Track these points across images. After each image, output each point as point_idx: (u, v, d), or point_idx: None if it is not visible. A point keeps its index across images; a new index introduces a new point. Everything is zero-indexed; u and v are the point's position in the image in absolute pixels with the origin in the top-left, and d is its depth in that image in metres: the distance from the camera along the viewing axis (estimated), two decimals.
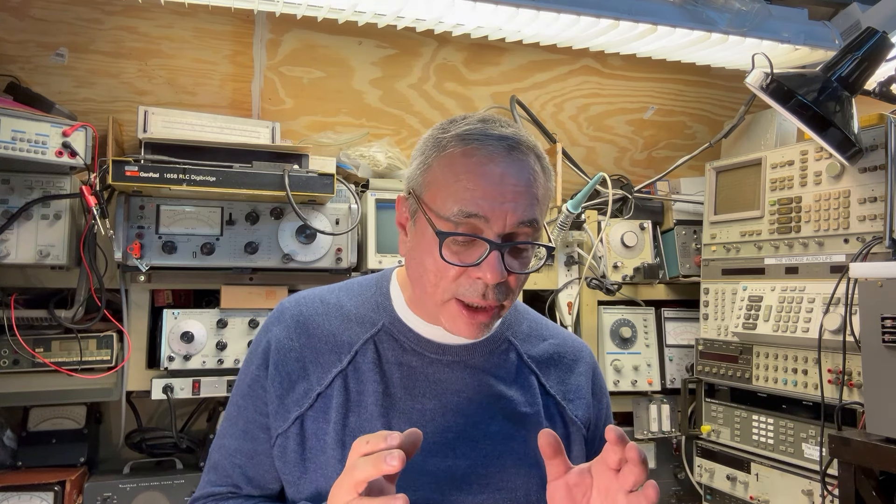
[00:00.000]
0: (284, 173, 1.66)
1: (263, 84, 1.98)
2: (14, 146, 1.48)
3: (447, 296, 0.88)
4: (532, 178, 0.89)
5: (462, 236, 0.86)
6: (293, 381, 0.95)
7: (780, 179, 1.83)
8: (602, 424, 1.05)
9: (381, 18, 1.73)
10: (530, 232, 0.89)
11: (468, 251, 0.87)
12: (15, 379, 1.65)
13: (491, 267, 0.84)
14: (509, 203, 0.86)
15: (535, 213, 0.88)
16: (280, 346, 0.97)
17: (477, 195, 0.85)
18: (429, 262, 0.89)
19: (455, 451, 0.93)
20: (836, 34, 1.91)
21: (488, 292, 0.86)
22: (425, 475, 0.91)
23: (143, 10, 1.76)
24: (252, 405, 0.98)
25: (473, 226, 0.86)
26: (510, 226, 0.86)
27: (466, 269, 0.86)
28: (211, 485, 0.99)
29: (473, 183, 0.86)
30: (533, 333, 1.06)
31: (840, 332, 1.56)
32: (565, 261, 2.11)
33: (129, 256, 1.65)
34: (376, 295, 1.02)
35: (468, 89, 2.17)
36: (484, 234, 0.86)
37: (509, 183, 0.87)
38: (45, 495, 1.61)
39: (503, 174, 0.87)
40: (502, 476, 0.93)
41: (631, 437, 2.10)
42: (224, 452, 0.99)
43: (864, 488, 1.37)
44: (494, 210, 0.85)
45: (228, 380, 1.74)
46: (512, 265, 0.87)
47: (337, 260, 1.82)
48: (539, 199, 0.90)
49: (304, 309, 1.00)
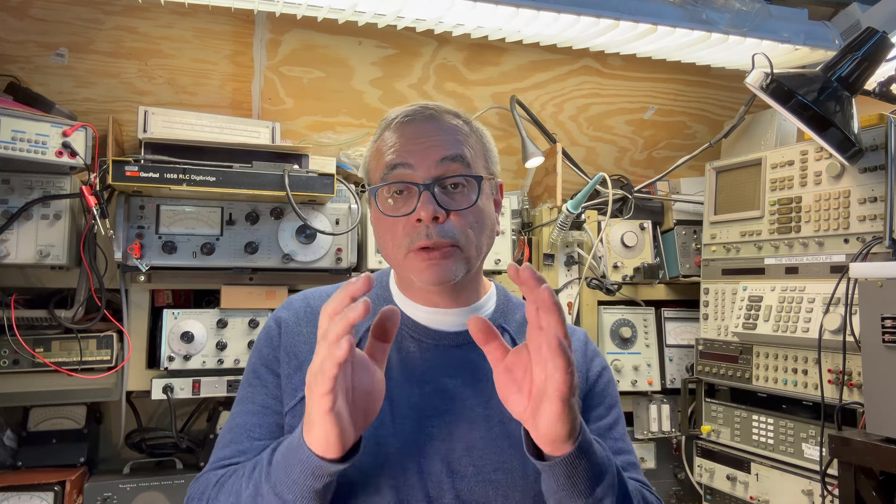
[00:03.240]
0: (284, 173, 1.66)
1: (263, 84, 1.98)
2: (14, 146, 1.48)
3: (403, 250, 0.93)
4: (454, 126, 0.97)
5: (392, 184, 0.93)
6: (301, 362, 0.98)
7: (780, 179, 1.83)
8: (596, 379, 1.06)
9: (381, 18, 1.73)
10: (460, 168, 0.94)
11: (406, 202, 0.93)
12: (15, 379, 1.65)
13: (422, 205, 0.90)
14: (428, 144, 0.93)
15: (461, 150, 0.95)
16: (288, 328, 1.01)
17: (397, 147, 0.94)
18: (381, 229, 0.97)
19: (453, 435, 0.94)
20: (836, 34, 1.91)
21: (431, 232, 0.91)
22: (424, 458, 0.92)
23: (143, 10, 1.76)
24: (269, 381, 0.99)
25: (401, 175, 0.93)
26: (434, 164, 0.92)
27: (409, 219, 0.92)
28: (223, 460, 0.97)
29: (394, 140, 0.95)
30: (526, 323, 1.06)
31: (840, 332, 1.56)
32: (565, 261, 2.11)
33: (129, 256, 1.65)
34: (377, 288, 1.06)
35: (468, 89, 2.17)
36: (412, 180, 0.93)
37: (427, 130, 0.95)
38: (45, 495, 1.61)
39: (421, 127, 0.96)
40: (500, 458, 0.93)
41: (631, 437, 2.10)
42: (239, 431, 0.98)
43: (864, 488, 1.37)
44: (415, 154, 0.93)
45: (228, 380, 1.74)
46: (448, 203, 0.93)
47: (337, 260, 1.82)
48: (463, 139, 0.97)
49: (311, 301, 1.06)
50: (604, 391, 1.07)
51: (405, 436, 0.93)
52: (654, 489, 1.03)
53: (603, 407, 1.05)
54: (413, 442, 0.92)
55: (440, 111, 0.98)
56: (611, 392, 1.08)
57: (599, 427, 1.03)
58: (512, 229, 2.05)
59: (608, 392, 1.07)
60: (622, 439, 1.05)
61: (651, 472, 2.14)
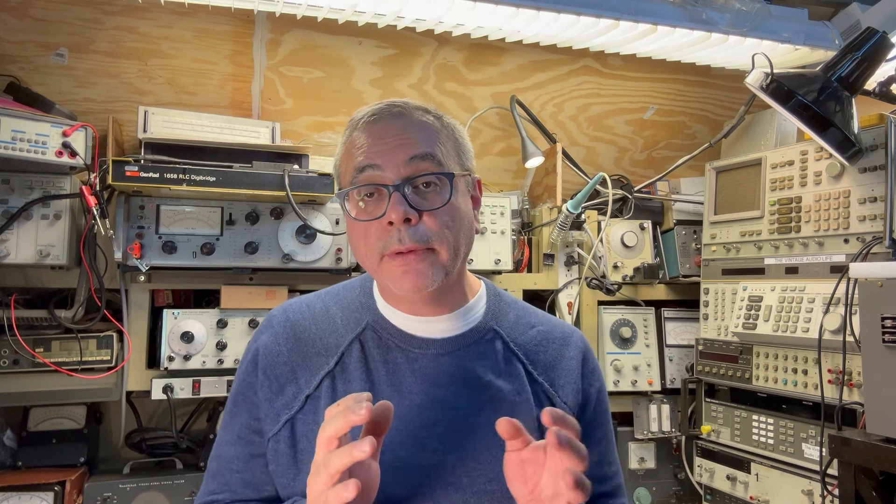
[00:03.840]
0: (284, 173, 1.66)
1: (263, 84, 1.98)
2: (14, 146, 1.48)
3: (377, 256, 0.90)
4: (423, 123, 0.93)
5: (362, 187, 0.89)
6: (282, 385, 0.96)
7: (780, 179, 1.83)
8: (592, 404, 1.04)
9: (381, 18, 1.73)
10: (430, 166, 0.90)
11: (377, 205, 0.90)
12: (15, 379, 1.65)
13: (392, 206, 0.87)
14: (396, 143, 0.90)
15: (431, 148, 0.91)
16: (268, 351, 0.99)
17: (364, 148, 0.90)
18: (354, 234, 0.93)
19: (444, 445, 0.92)
20: (836, 34, 1.91)
21: (403, 235, 0.87)
22: (415, 469, 0.91)
23: (143, 10, 1.76)
24: (245, 411, 0.99)
25: (370, 177, 0.89)
26: (403, 164, 0.89)
27: (381, 222, 0.88)
28: (210, 494, 1.00)
29: (362, 141, 0.91)
30: (520, 322, 1.05)
31: (840, 332, 1.56)
32: (565, 261, 2.11)
33: (129, 256, 1.65)
34: (360, 296, 1.03)
35: (468, 89, 2.17)
36: (381, 181, 0.89)
37: (394, 129, 0.91)
38: (45, 495, 1.61)
39: (388, 126, 0.91)
40: (492, 467, 0.92)
41: (631, 436, 2.10)
42: (221, 461, 1.00)
43: (864, 488, 1.37)
44: (382, 154, 0.89)
45: (228, 380, 1.74)
46: (420, 203, 0.89)
47: (337, 260, 1.82)
48: (434, 136, 0.93)
49: (290, 315, 1.02)
50: (603, 415, 1.07)
51: (396, 448, 0.91)
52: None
53: (600, 431, 1.05)
54: (405, 454, 0.91)
55: (408, 108, 0.94)
56: (604, 421, 1.07)
57: (595, 453, 1.01)
58: (512, 229, 2.05)
59: (604, 413, 1.07)
60: (614, 462, 1.06)
61: (651, 472, 2.14)
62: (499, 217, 2.01)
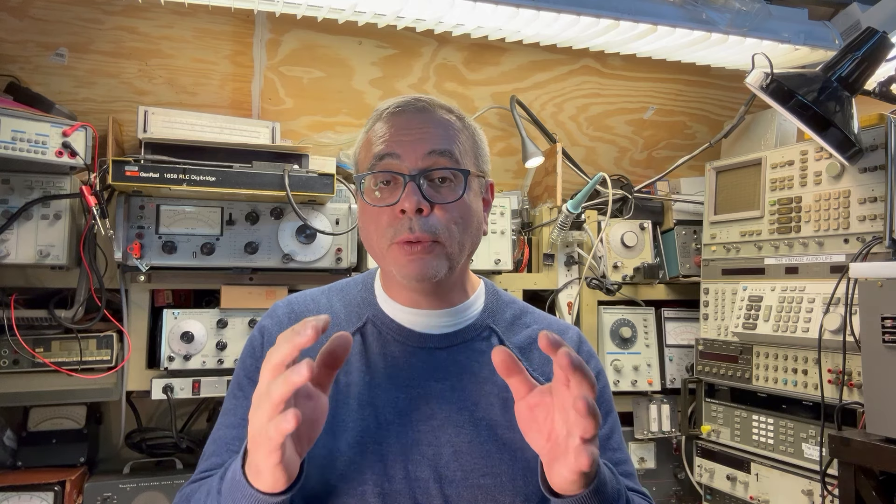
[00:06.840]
0: (284, 173, 1.66)
1: (263, 84, 1.98)
2: (14, 146, 1.48)
3: (386, 242, 0.92)
4: (445, 121, 0.96)
5: (379, 174, 0.93)
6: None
7: (780, 179, 1.83)
8: None
9: (381, 18, 1.73)
10: (447, 162, 0.93)
11: (392, 193, 0.93)
12: (15, 379, 1.65)
13: (407, 195, 0.90)
14: (417, 136, 0.93)
15: (449, 145, 0.94)
16: (271, 337, 1.00)
17: (386, 138, 0.93)
18: (366, 219, 0.96)
19: (440, 439, 0.93)
20: (836, 34, 1.91)
21: (414, 225, 0.90)
22: (411, 464, 0.91)
23: (143, 10, 1.76)
24: (245, 395, 0.98)
25: (388, 165, 0.93)
26: (421, 156, 0.92)
27: (394, 210, 0.91)
28: (201, 473, 0.97)
29: (384, 130, 0.95)
30: (516, 322, 1.06)
31: (840, 332, 1.56)
32: (565, 261, 2.11)
33: (129, 256, 1.65)
34: (362, 291, 1.05)
35: (468, 89, 2.17)
36: (399, 170, 0.92)
37: (416, 122, 0.94)
38: (45, 495, 1.61)
39: (411, 119, 0.95)
40: (488, 462, 0.92)
41: (631, 437, 2.10)
42: (220, 444, 0.98)
43: (864, 488, 1.37)
44: (403, 145, 0.92)
45: (228, 380, 1.74)
46: (433, 196, 0.92)
47: (337, 260, 1.82)
48: (454, 134, 0.95)
49: (295, 306, 1.04)
50: (600, 399, 1.03)
51: (391, 441, 0.92)
52: (652, 499, 1.02)
53: (605, 406, 1.03)
54: (399, 447, 0.91)
55: (433, 104, 0.97)
56: (606, 398, 1.05)
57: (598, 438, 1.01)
58: (512, 229, 2.05)
59: (604, 399, 1.05)
60: (620, 448, 1.04)
61: (651, 472, 2.14)
62: (499, 217, 2.01)
